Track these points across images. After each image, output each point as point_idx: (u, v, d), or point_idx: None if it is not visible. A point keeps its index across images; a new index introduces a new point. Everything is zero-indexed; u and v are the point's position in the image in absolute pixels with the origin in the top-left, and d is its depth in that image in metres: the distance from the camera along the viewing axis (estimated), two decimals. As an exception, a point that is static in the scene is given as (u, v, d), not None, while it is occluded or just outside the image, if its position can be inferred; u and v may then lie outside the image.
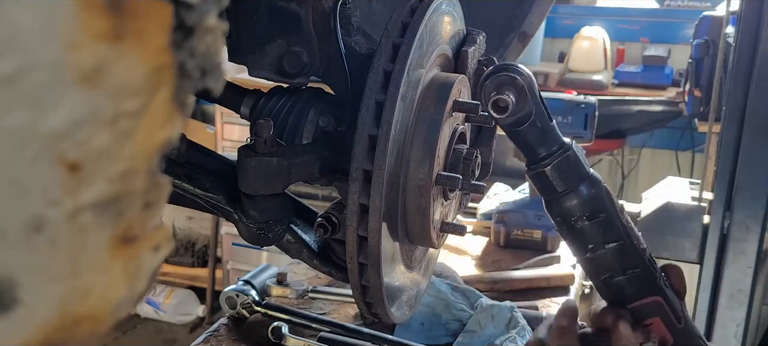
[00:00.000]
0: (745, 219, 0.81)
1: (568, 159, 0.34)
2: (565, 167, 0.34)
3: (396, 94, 0.31)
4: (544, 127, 0.34)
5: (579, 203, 0.34)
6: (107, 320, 0.14)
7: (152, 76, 0.13)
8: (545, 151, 0.34)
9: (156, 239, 0.14)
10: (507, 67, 0.33)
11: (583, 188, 0.34)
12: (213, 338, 0.58)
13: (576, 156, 0.34)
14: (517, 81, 0.32)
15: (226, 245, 1.76)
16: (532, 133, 0.34)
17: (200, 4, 0.14)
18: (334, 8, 0.37)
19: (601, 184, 0.35)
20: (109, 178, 0.13)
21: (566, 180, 0.34)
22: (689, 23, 1.49)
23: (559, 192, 0.34)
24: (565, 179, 0.34)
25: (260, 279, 0.64)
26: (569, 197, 0.34)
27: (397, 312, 0.37)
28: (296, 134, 0.38)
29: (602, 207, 0.34)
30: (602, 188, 0.35)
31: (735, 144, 0.81)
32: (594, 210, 0.34)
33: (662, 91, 1.65)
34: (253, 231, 0.37)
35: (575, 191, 0.34)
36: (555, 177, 0.34)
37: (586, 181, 0.34)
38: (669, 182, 1.01)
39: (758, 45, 0.77)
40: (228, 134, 1.66)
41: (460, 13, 0.40)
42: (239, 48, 0.37)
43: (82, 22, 0.12)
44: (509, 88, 0.32)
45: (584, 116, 0.76)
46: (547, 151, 0.34)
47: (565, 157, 0.34)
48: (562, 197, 0.34)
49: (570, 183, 0.34)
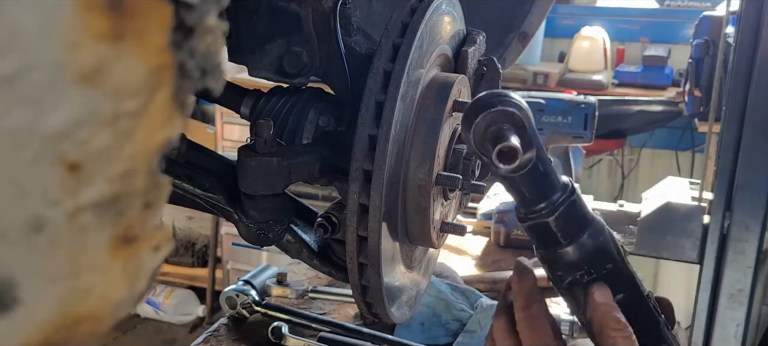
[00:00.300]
0: (745, 219, 0.81)
1: (575, 204, 0.28)
2: (571, 214, 0.28)
3: (396, 94, 0.31)
4: (546, 169, 0.27)
5: (585, 255, 0.28)
6: (107, 320, 0.14)
7: (152, 76, 0.13)
8: (547, 198, 0.28)
9: (156, 239, 0.14)
10: (500, 99, 0.25)
11: (589, 238, 0.28)
12: (213, 338, 0.58)
13: (581, 200, 0.28)
14: (515, 117, 0.25)
15: (226, 245, 1.76)
16: (532, 179, 0.27)
17: (200, 4, 0.14)
18: (334, 8, 0.37)
19: (607, 229, 0.29)
20: (109, 178, 0.13)
21: (571, 229, 0.28)
22: (689, 23, 1.48)
23: (564, 243, 0.28)
24: (570, 228, 0.28)
25: (260, 279, 0.64)
26: (574, 249, 0.28)
27: (397, 312, 0.37)
28: (296, 134, 0.38)
29: (610, 257, 0.29)
30: (608, 234, 0.29)
31: (735, 144, 0.81)
32: (602, 261, 0.29)
33: (662, 91, 1.65)
34: (253, 231, 0.37)
35: (579, 241, 0.28)
36: (560, 227, 0.28)
37: (591, 228, 0.28)
38: (669, 182, 1.01)
39: (758, 45, 0.77)
40: (228, 134, 1.67)
41: (460, 13, 0.40)
42: (239, 48, 0.37)
43: (82, 22, 0.12)
44: (509, 128, 0.25)
45: (584, 116, 0.76)
46: (549, 197, 0.28)
47: (571, 203, 0.28)
48: (565, 248, 0.28)
49: (575, 232, 0.28)
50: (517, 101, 0.26)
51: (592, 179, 1.79)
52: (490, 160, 0.25)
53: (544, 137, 0.78)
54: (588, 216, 0.29)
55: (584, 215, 0.29)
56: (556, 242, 0.28)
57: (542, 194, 0.28)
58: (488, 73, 0.43)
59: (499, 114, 0.25)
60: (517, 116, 0.25)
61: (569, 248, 0.28)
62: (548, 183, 0.28)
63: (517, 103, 0.26)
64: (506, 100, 0.26)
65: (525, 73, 1.65)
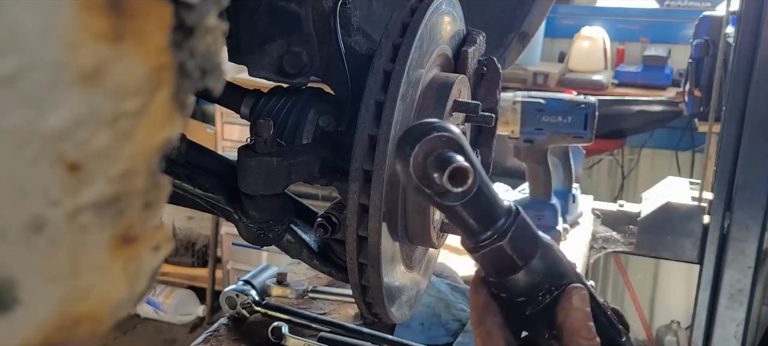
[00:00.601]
0: (745, 219, 0.81)
1: (524, 223, 0.26)
2: (523, 234, 0.26)
3: (396, 94, 0.31)
4: (491, 192, 0.26)
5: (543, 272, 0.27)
6: (107, 320, 0.14)
7: (152, 76, 0.13)
8: (496, 221, 0.26)
9: (156, 239, 0.14)
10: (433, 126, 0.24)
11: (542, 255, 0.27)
12: (213, 338, 0.58)
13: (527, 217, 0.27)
14: (453, 141, 0.23)
15: (226, 245, 1.76)
16: (479, 203, 0.25)
17: (200, 4, 0.14)
18: (334, 8, 0.37)
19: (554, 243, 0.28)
20: (109, 178, 0.13)
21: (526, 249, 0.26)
22: (689, 23, 1.48)
23: (520, 265, 0.26)
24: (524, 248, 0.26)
25: (260, 279, 0.64)
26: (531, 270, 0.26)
27: (397, 312, 0.37)
28: (296, 134, 0.38)
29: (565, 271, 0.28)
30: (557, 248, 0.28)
31: (735, 144, 0.81)
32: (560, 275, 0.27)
33: (662, 91, 1.65)
34: (253, 231, 0.37)
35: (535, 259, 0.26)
36: (515, 249, 0.26)
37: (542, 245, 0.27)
38: (669, 182, 1.01)
39: (758, 45, 0.77)
40: (228, 134, 1.66)
41: (460, 13, 0.40)
42: (239, 48, 0.37)
43: (83, 22, 0.12)
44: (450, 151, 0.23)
45: (584, 116, 0.76)
46: (497, 220, 0.26)
47: (520, 221, 0.26)
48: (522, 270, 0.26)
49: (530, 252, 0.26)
50: (449, 126, 0.24)
51: (592, 179, 1.79)
52: (433, 193, 0.23)
53: (544, 137, 0.77)
54: (536, 233, 0.27)
55: (533, 232, 0.27)
56: (514, 266, 0.27)
57: (491, 218, 0.26)
58: (488, 73, 0.43)
59: (437, 140, 0.24)
60: (454, 140, 0.24)
61: (526, 269, 0.27)
62: (494, 206, 0.26)
63: (451, 128, 0.24)
64: (439, 126, 0.24)
65: (525, 73, 1.65)
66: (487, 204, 0.26)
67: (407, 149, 0.24)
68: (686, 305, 1.56)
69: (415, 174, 0.24)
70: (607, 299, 0.39)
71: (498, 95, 0.43)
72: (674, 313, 1.66)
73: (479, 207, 0.26)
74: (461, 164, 0.23)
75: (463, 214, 0.26)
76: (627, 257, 1.60)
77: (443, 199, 0.24)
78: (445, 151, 0.23)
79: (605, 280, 1.71)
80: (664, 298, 1.73)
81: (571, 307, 0.27)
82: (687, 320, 1.52)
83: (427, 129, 0.24)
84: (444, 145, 0.24)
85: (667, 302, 1.72)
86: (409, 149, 0.24)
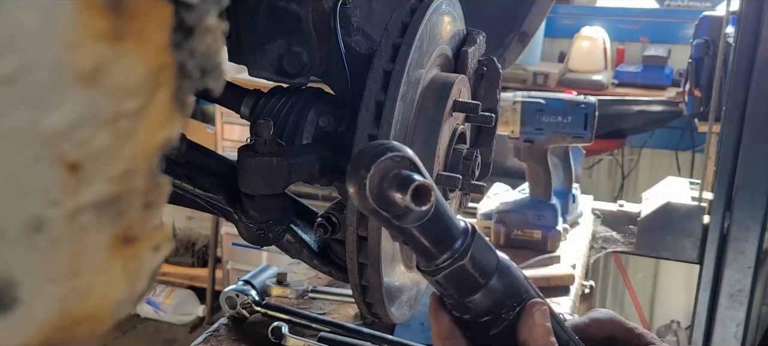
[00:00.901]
0: (745, 219, 0.81)
1: (481, 240, 0.26)
2: (481, 251, 0.26)
3: (396, 94, 0.31)
4: (446, 211, 0.25)
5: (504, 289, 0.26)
6: (107, 320, 0.14)
7: (152, 76, 0.13)
8: (455, 240, 0.25)
9: (156, 239, 0.14)
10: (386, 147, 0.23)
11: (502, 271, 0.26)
12: (213, 338, 0.58)
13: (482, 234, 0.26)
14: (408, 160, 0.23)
15: (226, 245, 1.76)
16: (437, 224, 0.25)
17: (200, 4, 0.14)
18: (334, 8, 0.37)
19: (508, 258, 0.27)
20: (109, 178, 0.13)
21: (486, 266, 0.26)
22: (689, 23, 1.49)
23: (482, 283, 0.26)
24: (484, 264, 0.26)
25: (260, 279, 0.64)
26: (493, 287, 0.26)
27: (397, 312, 0.37)
28: (296, 134, 0.38)
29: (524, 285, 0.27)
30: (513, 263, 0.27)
31: (735, 144, 0.81)
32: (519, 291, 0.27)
33: (662, 91, 1.65)
34: (253, 231, 0.37)
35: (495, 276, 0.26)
36: (476, 266, 0.26)
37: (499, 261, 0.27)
38: (669, 182, 1.01)
39: (758, 45, 0.77)
40: (228, 134, 1.67)
41: (460, 13, 0.40)
42: (239, 48, 0.37)
43: (83, 22, 0.12)
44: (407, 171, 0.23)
45: (584, 116, 0.76)
46: (456, 239, 0.25)
47: (478, 238, 0.26)
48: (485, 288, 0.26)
49: (490, 268, 0.26)
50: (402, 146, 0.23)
51: (592, 179, 1.79)
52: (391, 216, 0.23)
53: (544, 137, 0.78)
54: (493, 249, 0.27)
55: (491, 249, 0.27)
56: (476, 284, 0.26)
57: (450, 238, 0.25)
58: (488, 73, 0.43)
59: (391, 161, 0.23)
60: (409, 160, 0.23)
61: (487, 287, 0.26)
62: (452, 225, 0.25)
63: (404, 148, 0.23)
64: (392, 146, 0.23)
65: (525, 73, 1.65)
66: (444, 224, 0.25)
67: (362, 172, 0.22)
68: (686, 305, 1.56)
69: (372, 196, 0.22)
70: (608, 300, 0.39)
71: (498, 95, 0.43)
72: (674, 313, 1.66)
73: (438, 227, 0.25)
74: (423, 182, 0.22)
75: (421, 236, 0.25)
76: (627, 257, 1.60)
77: (401, 221, 0.23)
78: (401, 171, 0.23)
79: (605, 280, 1.71)
80: (664, 298, 1.73)
81: (533, 323, 0.27)
82: (687, 320, 1.52)
83: (381, 150, 0.23)
84: (398, 166, 0.23)
85: (667, 302, 1.72)
86: (364, 172, 0.22)
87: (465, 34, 0.41)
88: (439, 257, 0.26)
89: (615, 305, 1.73)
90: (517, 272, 0.28)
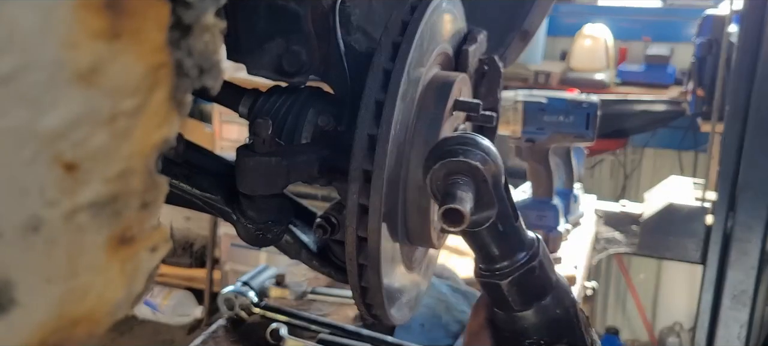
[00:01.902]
0: (749, 219, 0.81)
1: (532, 272, 0.26)
2: (528, 281, 0.26)
3: (396, 94, 0.31)
4: (507, 231, 0.25)
5: (537, 325, 0.26)
6: (105, 322, 0.14)
7: (150, 74, 0.13)
8: (503, 260, 0.26)
9: (153, 240, 0.14)
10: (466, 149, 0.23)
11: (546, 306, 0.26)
12: (211, 340, 0.58)
13: (543, 267, 0.26)
14: (477, 172, 0.23)
15: (225, 245, 1.76)
16: (488, 238, 0.25)
17: (198, 3, 0.13)
18: (334, 7, 0.36)
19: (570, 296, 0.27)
20: (106, 178, 0.13)
21: (526, 296, 0.26)
22: (692, 22, 1.48)
23: (514, 309, 0.26)
24: (525, 294, 0.26)
25: (259, 280, 0.64)
26: (527, 317, 0.26)
27: (397, 314, 0.37)
28: (295, 134, 0.38)
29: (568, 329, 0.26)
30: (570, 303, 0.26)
31: (738, 143, 0.80)
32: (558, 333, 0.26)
33: (665, 90, 1.64)
34: (252, 232, 0.37)
35: (535, 308, 0.26)
36: (512, 293, 0.26)
37: (551, 295, 0.26)
38: (672, 182, 1.00)
39: (761, 44, 0.76)
40: (226, 134, 1.66)
41: (461, 11, 0.40)
42: (238, 47, 0.37)
43: (80, 21, 0.12)
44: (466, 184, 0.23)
45: (586, 116, 0.76)
46: (505, 260, 0.26)
47: (528, 270, 0.26)
48: (517, 313, 0.26)
49: (531, 299, 0.26)
50: (483, 153, 0.23)
51: (594, 178, 1.79)
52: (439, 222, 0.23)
53: (546, 137, 0.77)
54: (550, 282, 0.26)
55: (545, 282, 0.26)
56: (507, 306, 0.26)
57: (500, 254, 0.26)
58: (489, 71, 0.42)
59: (460, 165, 0.23)
60: (479, 171, 0.23)
61: (522, 314, 0.26)
62: (507, 245, 0.26)
63: (483, 156, 0.23)
64: (472, 151, 0.23)
65: (526, 72, 1.65)
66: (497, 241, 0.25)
67: (431, 161, 0.23)
68: (689, 307, 1.55)
69: (431, 188, 0.24)
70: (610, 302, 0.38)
71: (499, 94, 0.43)
72: (677, 314, 1.65)
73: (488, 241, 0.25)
74: (455, 207, 0.22)
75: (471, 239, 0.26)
76: (629, 257, 1.59)
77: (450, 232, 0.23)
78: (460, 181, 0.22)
79: (607, 281, 1.70)
80: (666, 299, 1.72)
81: None
82: (690, 322, 1.50)
83: (456, 149, 0.23)
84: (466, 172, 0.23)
85: (670, 304, 1.71)
86: (432, 162, 0.23)
87: (466, 32, 0.41)
88: (482, 265, 0.26)
89: (617, 306, 1.72)
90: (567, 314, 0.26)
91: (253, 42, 0.37)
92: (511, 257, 0.26)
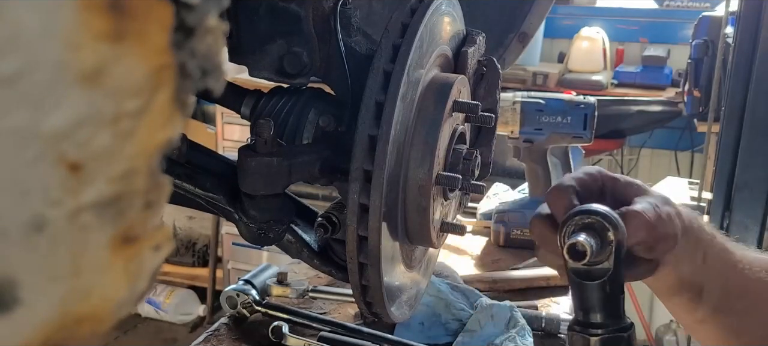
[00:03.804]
0: (744, 219, 0.81)
1: (619, 342, 0.29)
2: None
3: (396, 95, 0.31)
4: (613, 296, 0.29)
5: None
6: (108, 320, 0.14)
7: (153, 76, 0.13)
8: (600, 320, 0.29)
9: (157, 239, 0.14)
10: (605, 216, 0.28)
11: None
12: (213, 338, 0.58)
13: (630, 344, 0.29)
14: (607, 235, 0.28)
15: (227, 244, 1.76)
16: (595, 292, 0.29)
17: (201, 5, 0.14)
18: (335, 9, 0.37)
19: None
20: (110, 178, 0.13)
21: None
22: (688, 24, 1.49)
23: None
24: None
25: (261, 279, 0.64)
26: None
27: (397, 312, 0.37)
28: (296, 134, 0.38)
29: None
30: None
31: (734, 144, 0.81)
32: None
33: (661, 91, 1.65)
34: (254, 231, 0.37)
35: None
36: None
37: None
38: (668, 182, 1.01)
39: (757, 45, 0.77)
40: (228, 134, 1.67)
41: (460, 13, 0.40)
42: (240, 48, 0.37)
43: (84, 22, 0.12)
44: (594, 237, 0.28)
45: (584, 116, 0.76)
46: (602, 321, 0.29)
47: (618, 339, 0.29)
48: None
49: None
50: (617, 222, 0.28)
51: (592, 179, 1.79)
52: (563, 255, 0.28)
53: (544, 137, 0.78)
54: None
55: None
56: None
57: (598, 313, 0.29)
58: (488, 73, 0.43)
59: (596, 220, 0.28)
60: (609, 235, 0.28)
61: None
62: (609, 307, 0.29)
63: (616, 222, 0.28)
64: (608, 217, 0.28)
65: (524, 74, 1.65)
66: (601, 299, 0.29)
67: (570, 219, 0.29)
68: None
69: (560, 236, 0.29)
70: None
71: (498, 95, 0.43)
72: (674, 313, 1.66)
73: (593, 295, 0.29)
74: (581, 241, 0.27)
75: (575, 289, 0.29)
76: (626, 257, 1.58)
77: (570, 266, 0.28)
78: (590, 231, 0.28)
79: (605, 280, 1.70)
80: (663, 298, 1.73)
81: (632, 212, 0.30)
82: (686, 320, 1.51)
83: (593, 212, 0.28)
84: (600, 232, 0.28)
85: (667, 302, 1.72)
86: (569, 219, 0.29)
87: (465, 34, 0.41)
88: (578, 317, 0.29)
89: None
90: None
91: (255, 44, 0.37)
92: (608, 319, 0.29)
